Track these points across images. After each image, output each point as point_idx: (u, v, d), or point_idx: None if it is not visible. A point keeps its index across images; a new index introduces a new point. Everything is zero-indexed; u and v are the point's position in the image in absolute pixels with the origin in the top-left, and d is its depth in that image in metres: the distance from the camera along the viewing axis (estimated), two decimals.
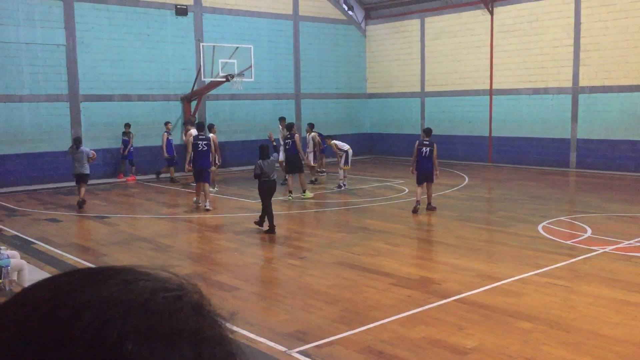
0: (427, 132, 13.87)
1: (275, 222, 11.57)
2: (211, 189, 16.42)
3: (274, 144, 17.77)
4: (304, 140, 18.47)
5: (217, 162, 15.60)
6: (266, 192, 11.61)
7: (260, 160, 11.54)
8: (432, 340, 6.27)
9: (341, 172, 17.39)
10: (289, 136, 15.84)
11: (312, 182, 17.96)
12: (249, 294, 8.12)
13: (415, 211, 13.18)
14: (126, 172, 20.16)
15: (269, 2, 24.22)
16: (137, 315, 0.59)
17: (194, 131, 16.35)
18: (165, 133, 19.63)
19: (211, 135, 15.39)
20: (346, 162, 17.22)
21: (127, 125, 20.07)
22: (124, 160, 20.18)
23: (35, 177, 18.98)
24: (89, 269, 0.66)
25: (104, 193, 17.44)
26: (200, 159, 14.07)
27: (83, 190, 14.49)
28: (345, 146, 17.47)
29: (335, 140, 18.26)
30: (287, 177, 15.82)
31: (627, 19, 19.35)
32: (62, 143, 19.54)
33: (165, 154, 19.41)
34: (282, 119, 19.37)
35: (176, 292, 0.64)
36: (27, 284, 7.28)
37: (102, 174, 20.26)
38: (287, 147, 15.79)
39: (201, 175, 14.16)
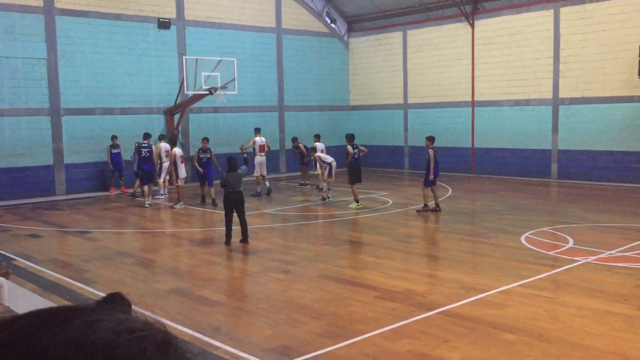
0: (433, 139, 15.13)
1: (249, 234, 11.57)
2: (175, 206, 16.38)
3: (245, 156, 17.85)
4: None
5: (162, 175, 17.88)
6: (230, 203, 11.75)
7: (226, 172, 11.68)
8: (417, 353, 6.25)
9: (325, 184, 17.42)
10: (355, 147, 16.12)
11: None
12: (232, 309, 8.06)
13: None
14: (117, 185, 19.87)
15: (252, 16, 24.29)
16: (100, 358, 0.57)
17: (163, 144, 18.02)
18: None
19: (175, 149, 17.20)
20: (330, 175, 17.25)
21: (115, 137, 19.75)
22: (116, 173, 19.77)
23: (16, 192, 18.73)
24: (50, 309, 0.64)
25: (86, 207, 17.26)
26: (145, 164, 17.25)
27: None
28: (329, 158, 17.50)
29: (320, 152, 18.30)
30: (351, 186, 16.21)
31: (605, 32, 19.66)
32: (43, 157, 19.36)
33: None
34: (257, 130, 19.71)
35: (140, 332, 0.62)
36: (6, 302, 7.16)
37: (84, 188, 20.08)
38: (355, 156, 16.05)
39: (147, 177, 17.19)
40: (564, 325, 6.96)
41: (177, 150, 17.19)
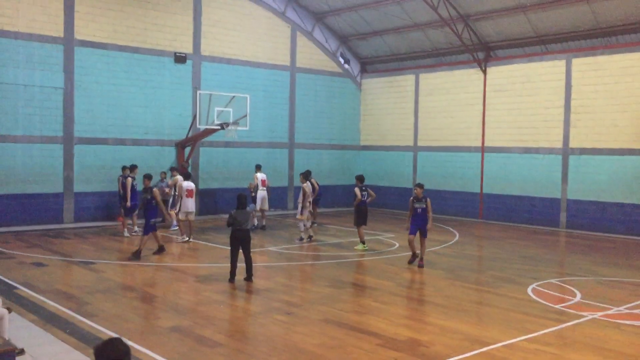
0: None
1: (254, 273, 11.50)
2: (177, 238, 16.56)
3: (253, 194, 18.81)
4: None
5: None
6: (237, 241, 11.79)
7: (234, 210, 11.70)
8: None
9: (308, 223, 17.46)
10: (364, 189, 15.98)
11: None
12: (232, 351, 7.95)
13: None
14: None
15: (267, 53, 24.67)
16: None
17: (180, 177, 17.90)
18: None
19: (183, 182, 17.21)
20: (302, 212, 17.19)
21: (126, 168, 19.30)
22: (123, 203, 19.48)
23: (24, 219, 18.83)
24: None
25: (93, 237, 17.28)
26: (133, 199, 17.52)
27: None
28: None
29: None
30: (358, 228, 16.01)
31: (616, 84, 19.77)
32: (53, 185, 19.50)
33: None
34: (258, 166, 20.38)
35: None
36: (6, 333, 7.12)
37: (92, 217, 20.15)
38: (363, 199, 15.85)
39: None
40: None
41: (185, 184, 17.23)
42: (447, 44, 24.29)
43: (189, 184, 17.30)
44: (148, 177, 15.03)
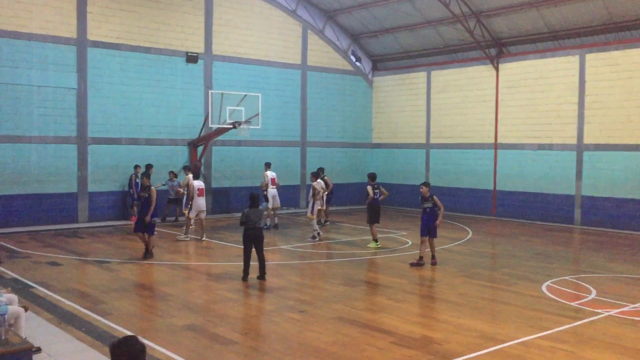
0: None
1: (267, 271, 11.52)
2: (181, 236, 16.43)
3: (265, 193, 18.74)
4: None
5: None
6: (250, 239, 11.79)
7: (247, 209, 11.73)
8: None
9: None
10: (376, 187, 15.94)
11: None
12: (247, 348, 7.98)
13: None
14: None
15: (279, 52, 24.69)
16: None
17: (191, 176, 17.70)
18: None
19: (194, 181, 17.19)
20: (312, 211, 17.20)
21: (138, 167, 20.01)
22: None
23: (39, 218, 19.00)
24: None
25: (107, 236, 17.40)
26: None
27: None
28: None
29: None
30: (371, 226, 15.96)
31: (631, 79, 19.57)
32: (67, 185, 19.66)
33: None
34: (267, 164, 20.15)
35: None
36: (23, 332, 7.19)
37: (106, 216, 20.30)
38: (375, 197, 15.78)
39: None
40: None
41: (195, 183, 17.28)
42: (459, 41, 24.16)
43: (199, 183, 17.38)
44: (147, 175, 14.65)
